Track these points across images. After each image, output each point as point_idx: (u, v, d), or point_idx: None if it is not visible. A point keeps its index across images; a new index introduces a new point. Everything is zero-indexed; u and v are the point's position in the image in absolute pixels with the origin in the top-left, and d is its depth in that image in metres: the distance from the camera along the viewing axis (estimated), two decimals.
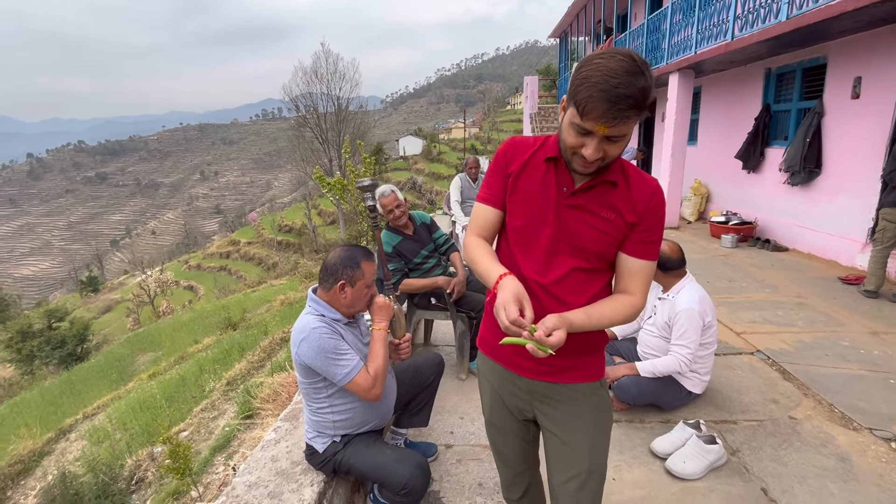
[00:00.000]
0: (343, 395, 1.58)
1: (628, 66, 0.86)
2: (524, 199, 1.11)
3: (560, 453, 1.18)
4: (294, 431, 1.93)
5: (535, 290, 1.10)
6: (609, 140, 0.93)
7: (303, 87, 30.62)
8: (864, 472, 2.00)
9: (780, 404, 2.51)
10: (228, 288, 24.59)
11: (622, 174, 1.06)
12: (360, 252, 1.60)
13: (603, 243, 1.07)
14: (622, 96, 0.86)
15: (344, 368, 1.49)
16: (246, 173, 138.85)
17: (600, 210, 1.05)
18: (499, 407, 1.28)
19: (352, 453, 1.60)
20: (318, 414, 1.60)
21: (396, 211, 2.70)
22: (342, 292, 1.57)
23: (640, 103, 0.87)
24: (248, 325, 10.67)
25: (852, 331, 3.33)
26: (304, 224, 35.37)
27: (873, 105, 4.48)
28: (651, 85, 0.89)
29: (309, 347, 1.47)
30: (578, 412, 1.17)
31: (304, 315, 1.56)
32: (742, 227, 5.94)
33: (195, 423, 5.44)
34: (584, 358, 1.16)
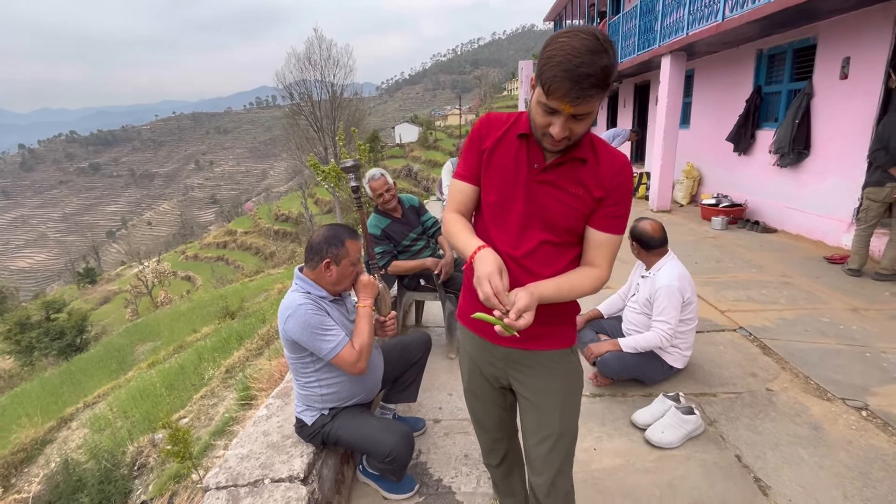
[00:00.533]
0: (330, 369, 1.64)
1: (591, 44, 0.88)
2: (497, 174, 1.14)
3: (532, 417, 1.25)
4: (285, 408, 1.99)
5: (508, 262, 1.14)
6: (575, 118, 0.96)
7: (296, 74, 30.25)
8: (835, 439, 2.09)
9: (758, 377, 2.59)
10: (226, 278, 24.65)
11: (591, 150, 1.09)
12: (345, 231, 1.64)
13: (571, 218, 1.11)
14: (584, 75, 0.88)
15: (329, 343, 1.55)
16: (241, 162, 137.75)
17: (569, 186, 1.09)
18: (476, 375, 1.34)
19: (339, 425, 1.66)
20: (306, 388, 1.67)
21: (386, 195, 2.74)
22: (328, 270, 1.62)
23: (602, 82, 0.90)
24: (245, 314, 10.75)
25: (833, 307, 3.41)
26: (300, 213, 35.29)
27: (861, 85, 4.50)
28: (614, 63, 0.91)
29: (295, 323, 1.53)
30: (549, 378, 1.23)
31: (291, 292, 1.61)
32: (732, 210, 6.00)
33: (195, 410, 5.53)
34: (554, 326, 1.21)
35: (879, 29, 4.26)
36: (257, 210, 44.45)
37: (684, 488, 1.87)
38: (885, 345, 2.86)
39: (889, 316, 3.23)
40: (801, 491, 1.82)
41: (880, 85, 4.30)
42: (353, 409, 1.73)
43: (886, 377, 2.53)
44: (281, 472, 1.61)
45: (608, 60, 0.89)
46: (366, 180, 2.74)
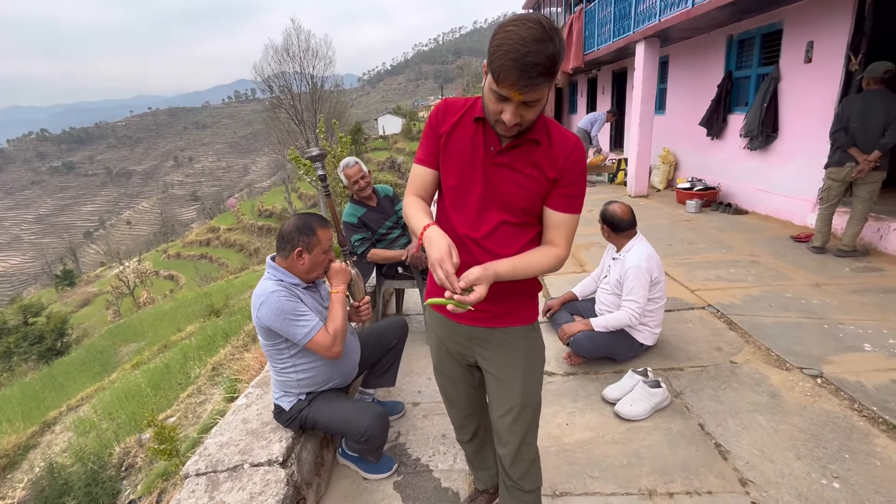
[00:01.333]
0: (305, 354, 1.69)
1: (538, 33, 0.91)
2: (455, 158, 1.17)
3: (497, 391, 1.31)
4: (264, 396, 2.03)
5: (468, 244, 1.19)
6: (525, 105, 0.99)
7: (275, 67, 29.71)
8: (791, 406, 2.21)
9: (723, 351, 2.72)
10: (210, 276, 24.31)
11: (545, 133, 1.13)
12: (315, 219, 1.68)
13: (527, 199, 1.14)
14: (531, 64, 0.90)
15: (303, 328, 1.59)
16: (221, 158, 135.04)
17: (525, 168, 1.12)
18: (444, 354, 1.40)
19: (316, 409, 1.71)
20: (282, 374, 1.71)
21: (361, 182, 2.77)
22: (300, 259, 1.66)
23: (548, 70, 0.93)
24: (231, 312, 10.66)
25: (797, 284, 3.56)
26: (284, 208, 34.87)
27: (824, 69, 4.64)
28: (560, 51, 0.95)
29: (268, 310, 1.56)
30: (512, 353, 1.29)
31: (263, 280, 1.64)
32: (705, 193, 6.15)
33: (182, 409, 5.52)
34: (514, 304, 1.27)
35: (840, 13, 4.39)
36: (240, 206, 43.78)
37: (650, 456, 1.97)
38: (843, 316, 3.01)
39: (848, 290, 3.39)
40: (757, 454, 1.94)
41: (841, 68, 4.44)
42: (329, 393, 1.78)
43: (841, 346, 2.67)
44: (260, 456, 1.66)
45: (554, 48, 0.92)
46: (340, 168, 2.77)
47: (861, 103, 3.74)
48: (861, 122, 3.71)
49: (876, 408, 2.13)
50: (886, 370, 2.42)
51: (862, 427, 2.05)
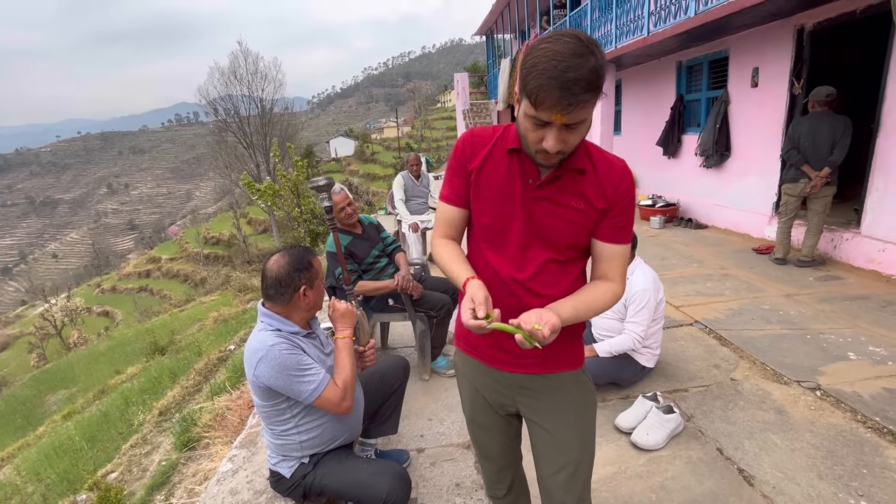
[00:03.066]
0: (310, 412, 1.46)
1: (576, 47, 0.83)
2: (489, 195, 1.06)
3: (547, 445, 1.16)
4: (253, 458, 1.76)
5: (512, 286, 1.07)
6: (568, 128, 0.89)
7: (221, 90, 28.79)
8: (799, 421, 2.21)
9: (721, 368, 2.71)
10: (151, 310, 22.60)
11: (589, 159, 1.03)
12: (306, 251, 1.50)
13: (574, 233, 1.04)
14: (573, 80, 0.82)
15: (310, 384, 1.37)
16: (161, 184, 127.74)
17: (569, 200, 1.02)
18: (480, 404, 1.24)
19: (323, 473, 1.48)
20: (282, 437, 1.47)
21: (348, 209, 2.60)
22: (305, 298, 1.46)
23: (593, 84, 0.84)
24: (178, 348, 9.82)
25: (770, 295, 3.69)
26: (233, 234, 33.31)
27: (770, 92, 5.00)
28: (603, 64, 0.86)
29: (268, 367, 1.34)
30: (563, 402, 1.15)
31: (259, 332, 1.41)
32: (667, 209, 6.41)
33: (125, 462, 4.90)
34: (563, 347, 1.13)
35: (781, 42, 4.77)
36: (183, 234, 41.37)
37: (677, 489, 1.87)
38: (820, 326, 3.12)
39: (818, 299, 3.55)
40: (781, 477, 1.89)
41: (786, 91, 4.79)
42: (336, 452, 1.55)
43: (828, 356, 2.75)
44: None
45: (596, 61, 0.84)
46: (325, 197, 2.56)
47: (808, 124, 4.02)
48: (811, 142, 3.99)
49: (878, 418, 2.17)
50: (875, 378, 2.50)
51: (870, 439, 2.06)
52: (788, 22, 4.64)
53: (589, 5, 7.20)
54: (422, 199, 5.09)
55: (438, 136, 47.29)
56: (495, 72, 13.94)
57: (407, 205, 5.02)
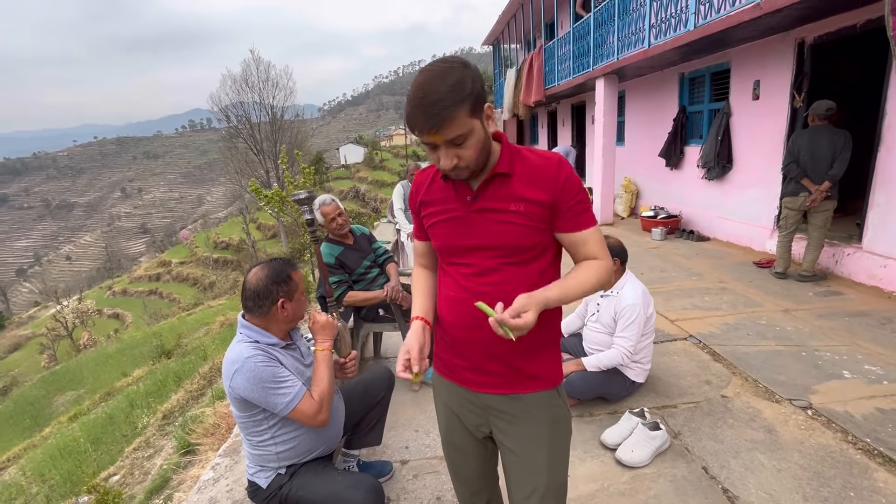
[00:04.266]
0: (287, 424, 1.48)
1: (437, 71, 0.90)
2: (437, 221, 1.13)
3: (517, 469, 1.16)
4: (235, 467, 1.79)
5: (485, 298, 1.06)
6: (455, 145, 0.94)
7: (233, 97, 29.29)
8: (788, 441, 2.18)
9: (712, 385, 2.69)
10: (160, 313, 22.88)
11: (513, 162, 1.05)
12: (285, 264, 1.53)
13: (523, 235, 1.05)
14: (431, 102, 0.88)
15: (285, 397, 1.40)
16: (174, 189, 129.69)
17: (506, 205, 1.04)
18: (455, 425, 1.25)
19: (299, 485, 1.50)
20: (259, 447, 1.49)
21: (339, 219, 2.64)
22: (283, 310, 1.49)
23: (455, 100, 0.88)
24: (184, 352, 9.94)
25: (768, 310, 3.66)
26: (242, 239, 33.65)
27: (771, 105, 4.98)
28: (469, 76, 0.91)
29: (244, 379, 1.37)
30: (534, 426, 1.15)
31: (237, 343, 1.45)
32: (669, 221, 6.37)
33: (127, 465, 4.96)
34: (537, 362, 1.14)
35: (782, 55, 4.76)
36: (194, 238, 41.89)
37: None
38: (817, 343, 3.08)
39: (816, 315, 3.51)
40: (766, 498, 1.87)
41: (787, 104, 4.77)
42: (313, 464, 1.57)
43: (822, 374, 2.71)
44: None
45: (457, 76, 0.89)
46: (315, 206, 2.61)
47: (808, 138, 4.00)
48: (810, 155, 3.96)
49: (869, 439, 2.14)
50: (869, 398, 2.46)
51: (860, 461, 2.03)
52: (789, 35, 4.63)
53: (592, 17, 7.24)
54: None
55: None
56: (501, 81, 14.03)
57: (406, 214, 5.05)
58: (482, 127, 0.96)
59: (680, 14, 5.07)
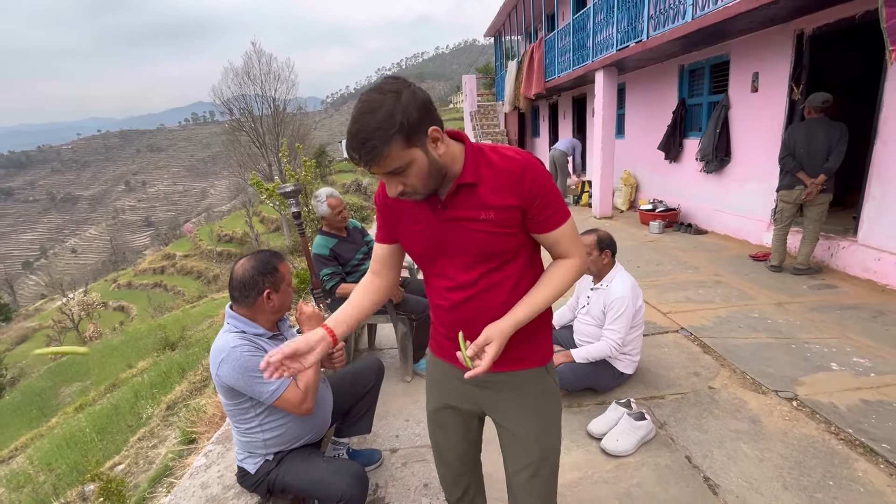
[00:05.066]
0: (273, 412, 1.53)
1: (368, 104, 0.88)
2: (410, 229, 1.13)
3: (509, 444, 1.20)
4: (226, 454, 1.84)
5: (463, 305, 1.11)
6: (396, 174, 0.93)
7: (235, 89, 29.26)
8: (772, 432, 2.22)
9: (701, 376, 2.72)
10: (165, 305, 23.05)
11: (478, 170, 1.03)
12: (272, 255, 1.56)
13: (493, 242, 1.06)
14: (362, 141, 0.87)
15: (270, 385, 1.44)
16: (178, 182, 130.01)
17: (476, 213, 1.04)
18: (443, 404, 1.28)
19: (286, 470, 1.55)
20: (247, 434, 1.54)
21: (344, 212, 2.70)
22: (269, 301, 1.53)
23: (383, 137, 0.86)
24: (188, 344, 10.05)
25: (761, 303, 3.67)
26: (245, 233, 33.78)
27: (770, 97, 4.95)
28: (398, 108, 0.87)
29: (230, 368, 1.41)
30: (523, 402, 1.18)
31: (224, 333, 1.49)
32: (667, 214, 6.37)
33: (132, 455, 5.06)
34: (524, 346, 1.16)
35: (781, 47, 4.72)
36: (198, 231, 42.07)
37: (641, 496, 1.90)
38: (807, 335, 3.11)
39: (809, 308, 3.52)
40: (746, 486, 1.91)
41: (785, 97, 4.74)
42: (300, 451, 1.62)
43: (810, 366, 2.74)
44: None
45: (387, 109, 0.86)
46: (322, 199, 2.65)
47: (804, 130, 3.98)
48: (806, 148, 3.94)
49: (851, 430, 2.17)
50: (855, 389, 2.48)
51: (841, 451, 2.06)
52: (788, 27, 4.59)
53: (592, 8, 7.19)
54: None
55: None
56: (503, 73, 13.95)
57: None
58: (424, 154, 0.93)
59: (678, 5, 5.03)
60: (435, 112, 0.94)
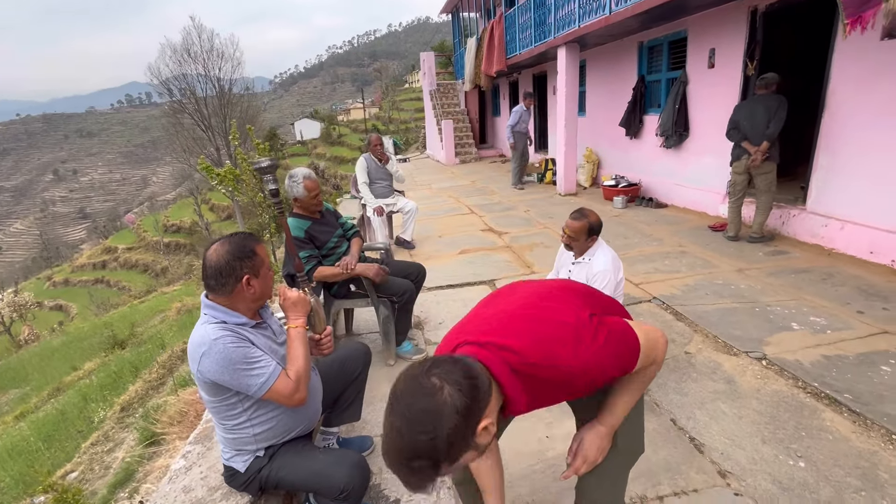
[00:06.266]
0: (263, 405, 1.41)
1: (407, 427, 0.76)
2: None
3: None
4: (208, 454, 1.70)
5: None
6: None
7: (174, 68, 27.25)
8: (746, 390, 2.33)
9: (676, 342, 2.82)
10: (109, 302, 21.62)
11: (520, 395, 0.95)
12: (248, 238, 1.42)
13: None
14: (410, 470, 0.77)
15: (259, 377, 1.32)
16: (114, 169, 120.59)
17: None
18: None
19: (280, 465, 1.44)
20: (234, 431, 1.42)
21: (320, 195, 2.55)
22: (250, 287, 1.39)
23: (423, 478, 0.78)
24: (139, 341, 9.46)
25: (724, 271, 3.85)
26: (194, 221, 32.03)
27: (725, 73, 5.13)
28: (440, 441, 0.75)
29: (213, 361, 1.28)
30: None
31: (201, 325, 1.34)
32: (629, 189, 6.54)
33: (86, 461, 4.72)
34: None
35: (736, 23, 4.87)
36: (141, 222, 39.47)
37: None
38: (768, 299, 3.29)
39: (767, 273, 3.73)
40: (728, 443, 1.99)
41: (740, 72, 4.92)
42: (293, 443, 1.51)
43: (774, 327, 2.90)
44: None
45: (426, 444, 0.75)
46: (298, 180, 2.48)
47: (749, 106, 4.27)
48: (749, 121, 4.19)
49: (817, 384, 2.31)
50: (815, 346, 2.65)
51: (809, 404, 2.20)
52: (742, 3, 4.73)
53: None
54: (386, 181, 4.99)
55: (407, 117, 46.47)
56: (462, 51, 13.72)
57: (371, 187, 4.91)
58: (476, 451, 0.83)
59: None
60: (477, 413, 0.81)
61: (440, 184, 9.84)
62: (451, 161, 12.77)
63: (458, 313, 3.43)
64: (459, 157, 12.97)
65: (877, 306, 3.06)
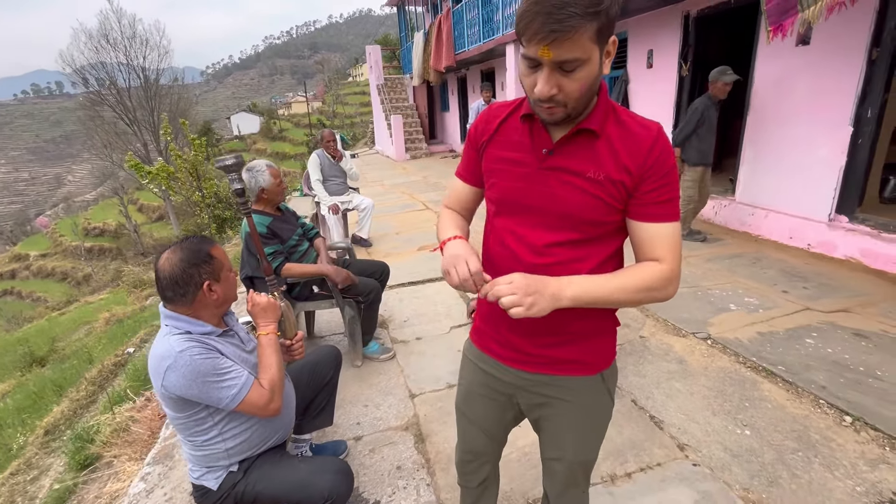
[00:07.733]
0: (235, 417, 1.33)
1: None
2: (499, 167, 0.97)
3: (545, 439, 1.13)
4: (170, 474, 1.59)
5: (530, 270, 0.91)
6: (562, 70, 0.77)
7: (90, 56, 24.86)
8: (696, 368, 2.52)
9: (631, 328, 2.99)
10: (22, 315, 19.45)
11: (606, 121, 0.87)
12: (202, 241, 1.33)
13: (594, 209, 0.88)
14: (558, 5, 0.71)
15: (231, 389, 1.24)
16: (21, 167, 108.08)
17: (586, 168, 0.87)
18: (475, 398, 1.17)
19: (257, 479, 1.37)
20: (204, 448, 1.33)
21: (283, 183, 2.43)
22: (212, 293, 1.31)
23: (585, 9, 0.72)
24: (62, 357, 8.60)
25: None
26: (120, 224, 29.52)
27: (662, 74, 5.46)
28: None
29: (179, 375, 1.18)
30: (565, 411, 1.05)
31: (164, 337, 1.24)
32: None
33: (5, 493, 4.24)
34: (583, 349, 1.01)
35: (671, 26, 5.20)
36: (56, 226, 35.76)
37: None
38: (708, 283, 3.56)
39: (705, 259, 4.04)
40: (684, 418, 2.15)
41: (676, 73, 5.27)
42: (268, 454, 1.44)
43: (715, 308, 3.15)
44: None
45: None
46: (261, 169, 2.36)
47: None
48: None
49: (755, 359, 2.54)
50: (751, 324, 2.91)
51: (750, 377, 2.41)
52: (677, 8, 5.06)
53: None
54: (340, 178, 4.86)
55: (352, 111, 45.46)
56: (409, 45, 13.60)
57: (325, 185, 4.76)
58: (599, 60, 0.79)
59: None
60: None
61: (392, 180, 9.73)
62: (402, 157, 12.67)
63: (421, 310, 3.42)
64: (410, 153, 12.89)
65: (798, 286, 3.41)
